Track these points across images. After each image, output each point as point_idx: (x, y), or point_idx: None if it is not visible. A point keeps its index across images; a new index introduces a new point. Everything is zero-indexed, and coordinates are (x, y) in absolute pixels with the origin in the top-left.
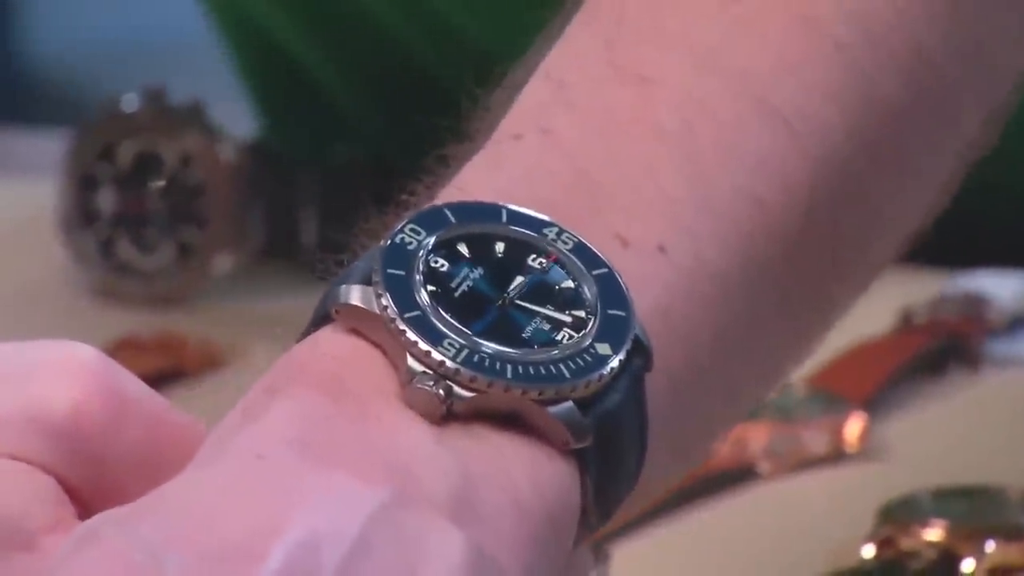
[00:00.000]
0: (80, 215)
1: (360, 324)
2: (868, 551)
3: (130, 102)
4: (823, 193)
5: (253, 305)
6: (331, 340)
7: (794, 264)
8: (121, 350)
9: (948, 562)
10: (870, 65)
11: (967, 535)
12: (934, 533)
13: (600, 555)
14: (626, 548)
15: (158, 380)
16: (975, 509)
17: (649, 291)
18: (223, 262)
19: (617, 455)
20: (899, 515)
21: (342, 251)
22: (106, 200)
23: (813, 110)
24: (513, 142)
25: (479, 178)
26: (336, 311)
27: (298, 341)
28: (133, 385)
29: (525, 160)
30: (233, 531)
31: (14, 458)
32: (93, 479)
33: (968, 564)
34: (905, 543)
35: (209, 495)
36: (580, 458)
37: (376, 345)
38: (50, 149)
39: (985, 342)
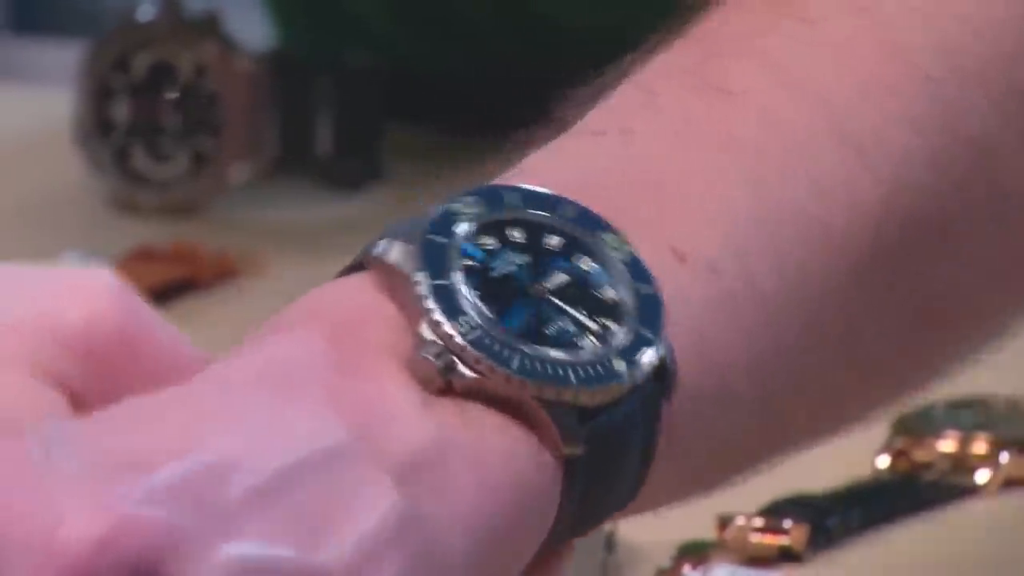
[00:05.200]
0: (96, 125)
1: (390, 281)
2: (882, 462)
3: (146, 12)
4: (897, 219)
5: (267, 215)
6: (356, 289)
7: (865, 293)
8: (136, 260)
9: (962, 473)
10: (960, 99)
11: (981, 447)
12: (948, 444)
13: (609, 542)
14: None
15: (172, 290)
16: (989, 421)
17: (692, 312)
18: (238, 172)
19: (610, 472)
20: (913, 426)
21: (357, 157)
22: (121, 110)
23: (891, 137)
24: (592, 138)
25: (551, 166)
26: (370, 262)
27: (336, 278)
28: (148, 312)
29: (600, 158)
30: (141, 444)
31: (26, 366)
32: (101, 395)
33: (982, 475)
34: (919, 454)
35: (145, 412)
36: (569, 465)
37: (400, 306)
38: (66, 59)
39: None
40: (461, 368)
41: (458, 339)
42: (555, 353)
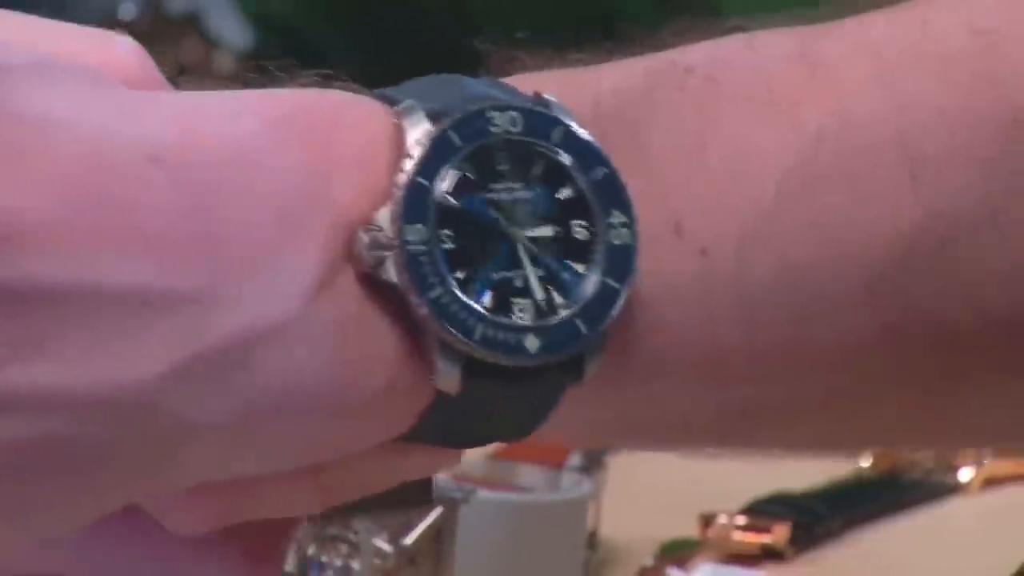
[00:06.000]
0: None
1: (397, 134)
2: (865, 460)
3: (127, 10)
4: (927, 248)
5: None
6: (372, 120)
7: (877, 312)
8: None
9: (944, 472)
10: None
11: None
12: None
13: (597, 463)
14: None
15: None
16: None
17: (659, 285)
18: None
19: (483, 421)
20: None
21: None
22: None
23: (948, 170)
24: (682, 74)
25: (625, 96)
26: (398, 114)
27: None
28: (161, 76)
29: (672, 103)
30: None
31: None
32: None
33: (965, 474)
34: (902, 453)
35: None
36: (439, 399)
37: (391, 164)
38: None
39: None
40: (389, 267)
41: (399, 243)
42: (480, 304)
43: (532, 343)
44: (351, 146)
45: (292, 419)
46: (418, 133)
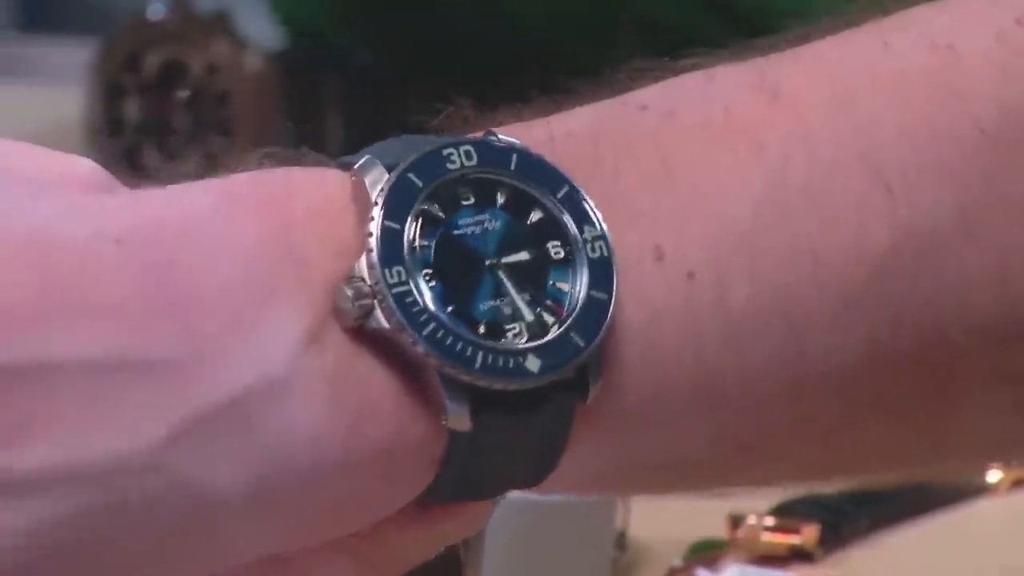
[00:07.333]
0: (107, 124)
1: (359, 195)
2: None
3: (156, 11)
4: (906, 263)
5: None
6: (330, 185)
7: (860, 328)
8: None
9: (973, 473)
10: (1010, 159)
11: None
12: None
13: (620, 541)
14: None
15: None
16: None
17: (647, 316)
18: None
19: (500, 455)
20: None
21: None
22: (132, 109)
23: (920, 183)
24: (636, 112)
25: (576, 125)
26: (352, 174)
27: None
28: (123, 187)
29: (631, 133)
30: None
31: None
32: None
33: (993, 475)
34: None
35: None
36: (454, 438)
37: (356, 225)
38: (77, 58)
39: None
40: (378, 315)
41: (383, 288)
42: (472, 333)
43: (533, 363)
44: (307, 206)
45: (307, 477)
46: (379, 182)
